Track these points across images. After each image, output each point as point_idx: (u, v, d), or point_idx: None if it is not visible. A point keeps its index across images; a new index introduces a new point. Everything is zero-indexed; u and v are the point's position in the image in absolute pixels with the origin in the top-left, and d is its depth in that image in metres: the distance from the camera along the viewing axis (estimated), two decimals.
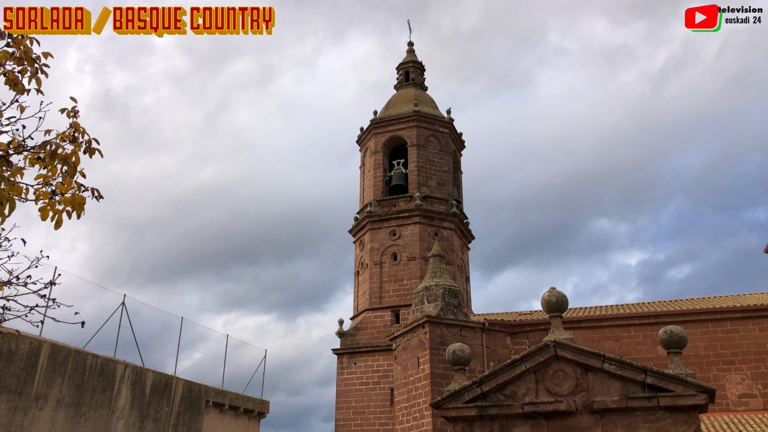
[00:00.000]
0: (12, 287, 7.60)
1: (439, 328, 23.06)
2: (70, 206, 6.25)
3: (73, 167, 6.32)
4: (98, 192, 6.55)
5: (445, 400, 8.04)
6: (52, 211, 6.18)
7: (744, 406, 19.90)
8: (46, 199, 6.18)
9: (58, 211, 6.20)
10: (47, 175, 6.18)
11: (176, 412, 20.19)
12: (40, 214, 6.26)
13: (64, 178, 6.25)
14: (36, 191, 6.14)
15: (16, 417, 15.36)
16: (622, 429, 7.24)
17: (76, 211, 6.36)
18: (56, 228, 6.40)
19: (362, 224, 29.95)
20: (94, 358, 17.76)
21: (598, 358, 7.55)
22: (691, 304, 23.05)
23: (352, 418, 25.79)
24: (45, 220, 6.26)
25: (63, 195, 6.24)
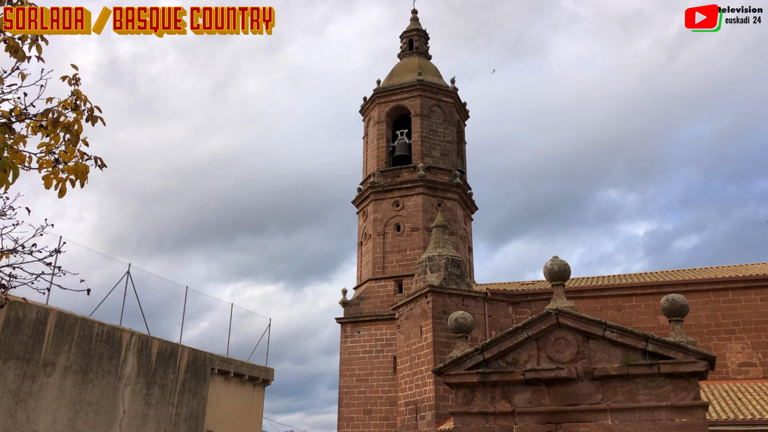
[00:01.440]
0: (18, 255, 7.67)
1: (441, 298, 23.22)
2: (73, 175, 6.25)
3: (76, 135, 6.31)
4: (101, 161, 6.56)
5: (448, 367, 8.13)
6: (55, 180, 6.19)
7: (744, 375, 20.09)
8: (49, 167, 6.18)
9: (62, 180, 6.21)
10: (50, 144, 6.18)
11: (182, 379, 20.48)
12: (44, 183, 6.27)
13: (67, 147, 6.25)
14: (39, 159, 6.14)
15: (24, 383, 15.61)
16: (623, 395, 7.33)
17: (80, 179, 6.37)
18: (60, 196, 6.42)
19: (365, 195, 29.94)
20: (101, 326, 17.96)
21: (599, 325, 7.61)
22: (693, 274, 23.11)
23: (355, 386, 26.14)
24: (49, 189, 6.27)
25: (66, 163, 6.25)
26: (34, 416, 15.71)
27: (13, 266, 7.59)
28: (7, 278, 7.68)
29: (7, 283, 7.59)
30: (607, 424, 7.26)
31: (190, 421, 20.57)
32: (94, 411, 17.25)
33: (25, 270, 7.62)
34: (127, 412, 18.29)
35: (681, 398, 7.07)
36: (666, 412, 7.06)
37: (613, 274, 25.46)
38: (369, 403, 25.64)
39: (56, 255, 8.62)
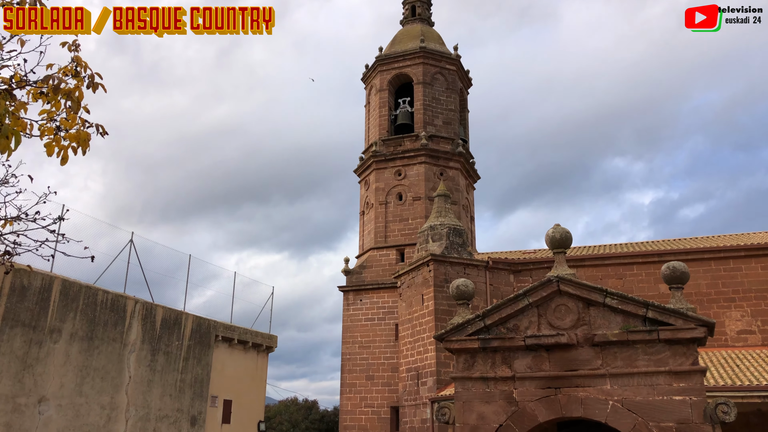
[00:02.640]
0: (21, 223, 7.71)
1: (443, 267, 23.34)
2: (75, 142, 6.25)
3: (77, 102, 6.29)
4: (103, 128, 6.54)
5: (449, 333, 8.23)
6: (57, 147, 6.19)
7: (743, 342, 20.29)
8: (51, 134, 6.17)
9: (64, 147, 6.21)
10: (51, 111, 6.16)
11: (186, 346, 20.74)
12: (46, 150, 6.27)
13: (68, 114, 6.23)
14: (41, 127, 6.13)
15: (31, 349, 15.82)
16: (622, 361, 7.42)
17: (82, 147, 6.37)
18: (62, 164, 6.43)
19: (367, 164, 29.86)
20: (105, 293, 18.13)
21: (600, 292, 7.67)
22: (694, 242, 23.17)
23: (357, 352, 26.46)
24: (51, 156, 6.28)
25: (68, 131, 6.23)
26: (42, 381, 15.97)
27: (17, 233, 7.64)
28: (11, 245, 7.74)
29: (12, 250, 7.65)
30: (606, 388, 7.37)
31: (195, 387, 20.90)
32: (100, 377, 17.52)
33: (29, 237, 7.67)
34: (133, 378, 18.57)
35: (679, 364, 7.16)
36: (664, 377, 7.16)
37: (615, 243, 25.53)
38: (371, 370, 25.99)
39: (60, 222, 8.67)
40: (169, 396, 19.74)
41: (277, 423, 42.21)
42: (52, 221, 7.85)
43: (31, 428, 15.54)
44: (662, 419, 7.00)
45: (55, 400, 16.19)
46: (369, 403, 25.58)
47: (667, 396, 7.07)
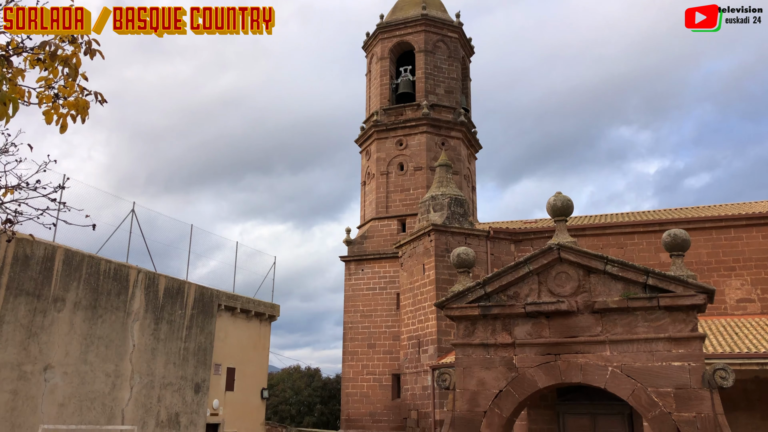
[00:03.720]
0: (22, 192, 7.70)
1: (444, 236, 23.39)
2: (74, 110, 6.21)
3: (75, 69, 6.22)
4: (101, 96, 6.49)
5: (450, 300, 8.27)
6: (56, 115, 6.15)
7: (742, 311, 20.41)
8: (49, 102, 6.13)
9: (63, 115, 6.17)
10: (49, 78, 6.11)
11: (189, 315, 20.92)
12: (45, 118, 6.25)
13: (66, 81, 6.17)
14: (39, 94, 6.08)
15: (36, 318, 15.96)
16: (622, 327, 7.47)
17: (81, 115, 6.33)
18: (61, 132, 6.40)
19: (368, 134, 29.71)
20: (108, 263, 18.21)
21: (600, 260, 7.68)
22: (696, 212, 23.15)
23: (359, 321, 26.69)
24: (50, 124, 6.25)
25: (66, 98, 6.19)
26: (47, 349, 16.15)
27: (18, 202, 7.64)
28: (12, 214, 7.74)
29: (13, 218, 7.66)
30: (606, 355, 7.43)
31: (199, 355, 21.13)
32: (104, 345, 17.71)
33: (30, 206, 7.68)
34: (137, 346, 18.77)
35: (679, 330, 7.21)
36: (663, 343, 7.21)
37: (616, 212, 25.53)
38: (373, 338, 26.24)
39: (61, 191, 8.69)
40: (173, 364, 19.97)
41: (280, 390, 42.81)
42: (53, 189, 7.86)
43: (38, 395, 15.77)
44: (661, 385, 7.07)
45: (61, 367, 16.40)
46: (371, 371, 25.89)
47: (666, 362, 7.13)
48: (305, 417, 41.59)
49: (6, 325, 15.22)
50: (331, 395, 42.70)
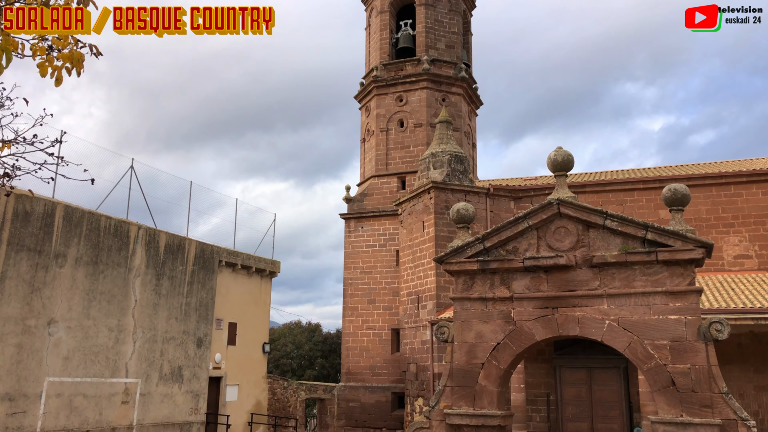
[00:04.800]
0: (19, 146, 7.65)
1: (444, 194, 23.38)
2: (68, 62, 6.12)
3: None
4: (96, 48, 6.38)
5: (449, 255, 8.31)
6: (50, 67, 6.07)
7: (739, 267, 20.55)
8: (43, 54, 6.04)
9: (57, 68, 6.08)
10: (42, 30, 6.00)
11: (190, 271, 21.06)
12: (39, 71, 6.16)
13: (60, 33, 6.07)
14: (32, 46, 5.98)
15: (38, 273, 16.07)
16: (620, 282, 7.52)
17: (76, 67, 6.24)
18: (57, 85, 6.32)
19: (368, 90, 29.38)
20: (108, 219, 18.24)
21: (600, 215, 7.68)
22: (696, 168, 23.08)
23: (359, 278, 26.91)
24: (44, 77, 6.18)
25: (60, 50, 6.09)
26: (50, 304, 16.31)
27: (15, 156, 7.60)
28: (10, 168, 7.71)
29: (11, 172, 7.62)
30: (603, 308, 7.50)
31: (201, 310, 21.37)
32: (107, 300, 17.89)
33: (27, 160, 7.64)
34: (139, 302, 18.96)
35: (676, 284, 7.26)
36: (661, 297, 7.27)
37: (616, 169, 25.45)
38: (373, 294, 26.50)
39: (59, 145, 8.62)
40: (175, 319, 20.22)
41: (281, 345, 43.48)
42: (50, 143, 7.81)
43: (42, 349, 16.00)
44: (657, 337, 7.16)
45: (64, 322, 16.60)
46: (370, 326, 26.24)
47: (662, 315, 7.21)
48: (306, 370, 42.37)
49: (9, 281, 15.34)
50: (331, 349, 43.39)
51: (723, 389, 6.80)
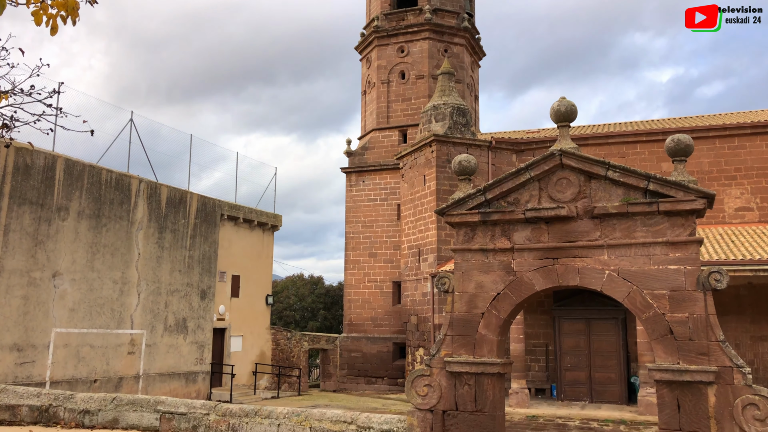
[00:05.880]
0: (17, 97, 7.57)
1: (445, 147, 23.25)
2: (63, 10, 6.01)
3: None
4: None
5: (450, 207, 8.30)
6: (45, 16, 5.96)
7: (740, 219, 20.58)
8: (37, 2, 5.93)
9: (52, 16, 5.97)
10: None
11: (193, 224, 21.15)
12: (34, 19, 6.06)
13: None
14: None
15: (41, 227, 16.15)
16: (620, 232, 7.53)
17: (71, 16, 6.13)
18: (52, 34, 6.22)
19: (369, 40, 28.88)
20: (109, 173, 18.22)
21: (602, 165, 7.65)
22: (700, 120, 22.87)
23: (361, 231, 27.03)
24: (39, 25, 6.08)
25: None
26: (54, 257, 16.44)
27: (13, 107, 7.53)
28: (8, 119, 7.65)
29: (10, 123, 7.57)
30: (603, 259, 7.54)
31: (204, 263, 21.54)
32: (110, 253, 18.01)
33: (26, 111, 7.58)
34: (142, 254, 19.10)
35: (677, 234, 7.27)
36: (661, 247, 7.30)
37: (619, 122, 25.24)
38: (374, 248, 26.66)
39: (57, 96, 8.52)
40: (179, 271, 20.41)
41: (284, 297, 44.01)
42: (48, 94, 7.73)
43: (48, 300, 16.21)
44: (656, 287, 7.22)
45: (69, 274, 16.76)
46: (372, 279, 26.49)
47: (662, 265, 7.25)
48: (309, 322, 43.02)
49: (12, 234, 15.43)
50: (333, 301, 43.94)
51: (720, 337, 6.90)
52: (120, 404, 9.31)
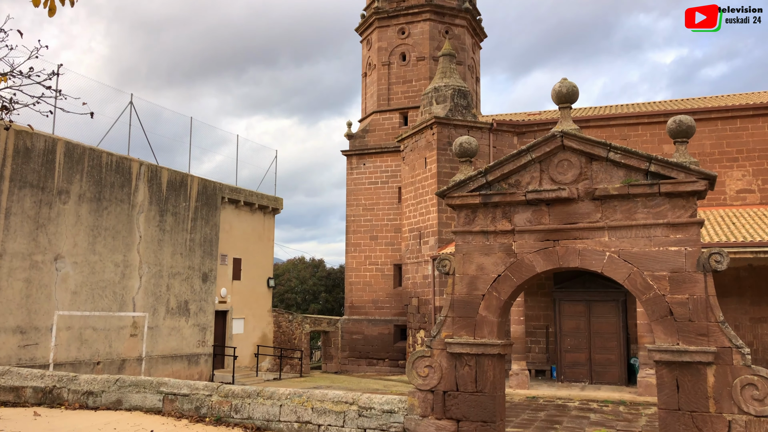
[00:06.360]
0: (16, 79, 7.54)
1: (446, 129, 23.17)
2: None
3: None
4: None
5: (451, 189, 8.30)
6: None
7: (741, 201, 20.56)
8: None
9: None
10: None
11: (194, 207, 21.15)
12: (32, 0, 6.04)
13: None
14: None
15: (42, 210, 16.16)
16: (621, 214, 7.53)
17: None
18: (50, 15, 6.20)
19: (369, 21, 28.67)
20: (109, 156, 18.19)
21: (603, 147, 7.62)
22: (702, 102, 22.76)
23: (362, 214, 27.04)
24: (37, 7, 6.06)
25: None
26: (56, 240, 16.48)
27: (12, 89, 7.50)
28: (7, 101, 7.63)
29: (9, 105, 7.55)
30: (604, 240, 7.55)
31: (205, 246, 21.58)
32: (111, 236, 18.04)
33: (25, 93, 7.55)
34: (143, 237, 19.13)
35: (678, 216, 7.27)
36: (662, 228, 7.30)
37: (620, 104, 25.12)
38: (375, 230, 26.69)
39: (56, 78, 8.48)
40: (180, 254, 20.45)
41: (285, 280, 44.16)
42: (47, 76, 7.69)
43: (50, 283, 16.27)
44: (656, 269, 7.23)
45: (71, 257, 16.81)
46: (373, 261, 26.55)
47: (663, 247, 7.26)
48: (310, 304, 43.21)
49: (13, 217, 15.44)
50: (335, 284, 44.08)
51: (719, 318, 6.93)
52: (123, 386, 9.39)
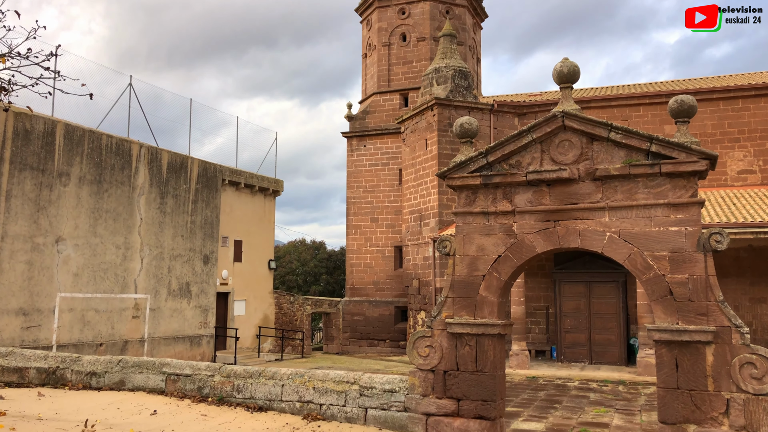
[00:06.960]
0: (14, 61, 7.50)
1: (447, 110, 23.08)
2: None
3: None
4: None
5: (452, 170, 8.28)
6: None
7: (742, 182, 20.53)
8: None
9: None
10: None
11: (194, 189, 21.14)
12: None
13: None
14: None
15: (42, 192, 16.16)
16: (622, 194, 7.52)
17: None
18: None
19: (369, 2, 28.41)
20: (109, 138, 18.15)
21: (604, 127, 7.60)
22: (704, 82, 22.63)
23: (362, 196, 27.03)
24: None
25: None
26: (57, 222, 16.50)
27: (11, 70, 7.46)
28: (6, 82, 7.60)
29: (8, 86, 7.52)
30: (605, 221, 7.55)
31: (206, 228, 21.61)
32: (112, 218, 18.06)
33: (24, 74, 7.51)
34: (144, 220, 19.15)
35: (678, 196, 7.26)
36: (662, 209, 7.30)
37: (622, 84, 24.98)
38: (375, 212, 26.71)
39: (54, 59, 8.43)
40: (181, 237, 20.49)
41: (286, 262, 44.28)
42: (45, 57, 7.65)
43: (52, 266, 16.33)
44: (656, 249, 7.24)
45: (72, 240, 16.85)
46: (374, 243, 26.60)
47: (663, 227, 7.26)
48: (312, 286, 43.36)
49: (14, 199, 15.45)
50: (336, 266, 44.20)
51: (719, 298, 6.95)
52: (126, 366, 9.46)
